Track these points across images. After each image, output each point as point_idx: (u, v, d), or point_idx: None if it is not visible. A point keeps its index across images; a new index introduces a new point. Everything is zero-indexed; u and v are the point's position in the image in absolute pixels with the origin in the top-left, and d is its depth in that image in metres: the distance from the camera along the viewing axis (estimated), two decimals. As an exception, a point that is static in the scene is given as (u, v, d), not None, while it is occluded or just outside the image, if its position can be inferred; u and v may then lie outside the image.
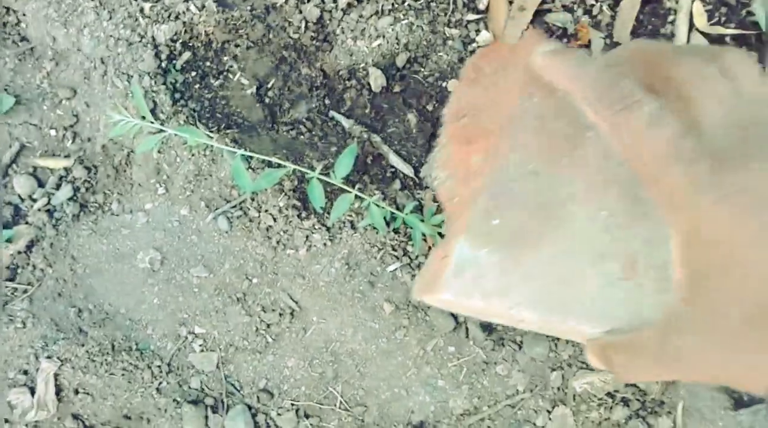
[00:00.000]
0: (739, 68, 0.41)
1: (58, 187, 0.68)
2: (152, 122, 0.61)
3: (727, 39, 0.65)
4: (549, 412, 0.68)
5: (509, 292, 0.42)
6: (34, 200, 0.68)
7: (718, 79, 0.40)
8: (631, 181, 0.42)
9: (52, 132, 0.69)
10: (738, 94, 0.40)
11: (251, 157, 0.65)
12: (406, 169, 0.68)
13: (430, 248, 0.67)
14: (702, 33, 0.65)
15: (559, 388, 0.68)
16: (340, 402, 0.67)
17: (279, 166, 0.61)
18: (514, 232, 0.42)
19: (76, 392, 0.67)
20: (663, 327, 0.40)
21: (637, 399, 0.68)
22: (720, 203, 0.34)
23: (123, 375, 0.66)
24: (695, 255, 0.37)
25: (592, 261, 0.42)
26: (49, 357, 0.66)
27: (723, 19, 0.65)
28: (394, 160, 0.68)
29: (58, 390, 0.66)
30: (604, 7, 0.64)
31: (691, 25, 0.65)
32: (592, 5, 0.64)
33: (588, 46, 0.65)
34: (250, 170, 0.66)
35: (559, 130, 0.43)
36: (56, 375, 0.66)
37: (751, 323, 0.35)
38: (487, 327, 0.67)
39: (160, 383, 0.67)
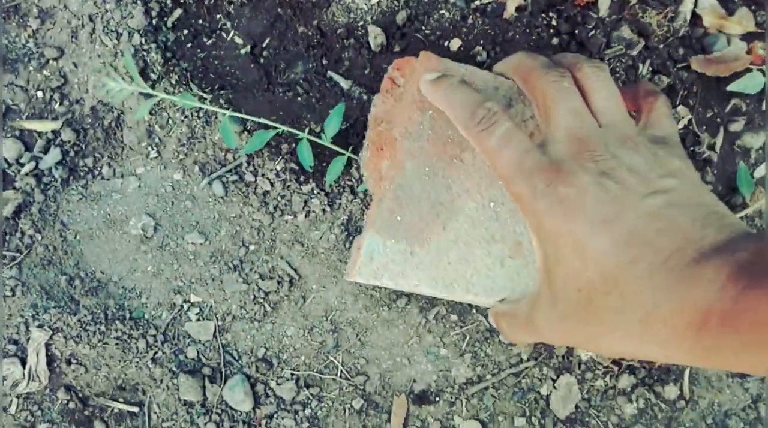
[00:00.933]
0: (592, 82, 0.50)
1: (46, 150, 0.67)
2: (143, 87, 0.60)
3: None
4: (554, 381, 0.68)
5: (411, 275, 0.54)
6: (22, 164, 0.67)
7: (571, 93, 0.49)
8: None
9: (39, 93, 0.67)
10: (583, 107, 0.48)
11: (246, 120, 0.64)
12: (408, 131, 0.67)
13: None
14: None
15: (564, 357, 0.68)
16: (341, 371, 0.67)
17: (270, 127, 0.61)
18: (415, 225, 0.54)
19: (69, 362, 0.66)
20: (529, 301, 0.51)
21: (643, 367, 0.68)
22: (552, 208, 0.44)
23: (117, 344, 0.65)
24: (542, 246, 0.47)
25: (483, 244, 0.55)
26: (40, 327, 0.65)
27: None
28: (395, 121, 0.66)
29: (50, 361, 0.66)
30: (613, -40, 0.63)
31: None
32: (601, -42, 0.63)
33: (594, 3, 0.64)
34: (245, 133, 0.65)
35: (449, 136, 0.55)
36: (47, 345, 0.65)
37: (578, 302, 0.44)
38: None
39: (156, 353, 0.66)
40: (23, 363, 0.65)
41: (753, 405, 0.68)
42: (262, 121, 0.63)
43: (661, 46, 0.63)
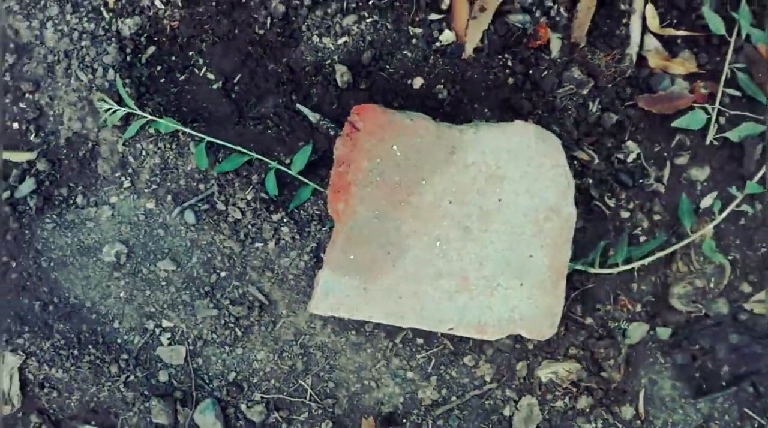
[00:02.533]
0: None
1: (21, 180, 0.71)
2: (133, 108, 0.68)
3: (679, 41, 0.71)
4: (516, 402, 0.73)
5: (365, 309, 0.62)
6: (-3, 194, 0.70)
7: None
8: (461, 214, 0.62)
9: (15, 125, 0.71)
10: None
11: (219, 148, 0.69)
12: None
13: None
14: (654, 34, 0.71)
15: (524, 378, 0.73)
16: (310, 394, 0.71)
17: (243, 153, 0.69)
18: (367, 264, 0.62)
19: (42, 386, 0.69)
20: None
21: (601, 388, 0.73)
22: None
23: (89, 368, 0.69)
24: None
25: (432, 279, 0.62)
26: (13, 351, 0.68)
27: (675, 21, 0.71)
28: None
29: (23, 385, 0.69)
30: (562, 9, 0.69)
31: (644, 27, 0.70)
32: (550, 7, 0.70)
33: (547, 45, 0.70)
34: (217, 163, 0.70)
35: (397, 182, 0.62)
36: (21, 369, 0.69)
37: None
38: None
39: (128, 377, 0.70)
40: (-4, 388, 0.69)
41: (704, 425, 0.73)
42: (237, 148, 0.69)
43: (610, 85, 0.70)
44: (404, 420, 0.73)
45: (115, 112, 0.68)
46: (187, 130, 0.69)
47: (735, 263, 0.71)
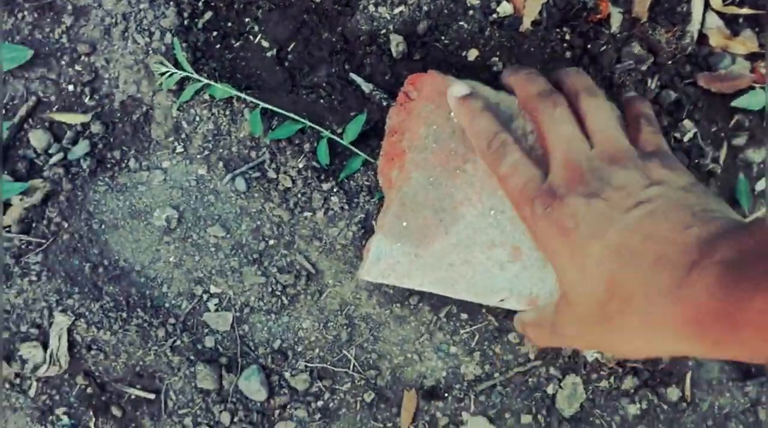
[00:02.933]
0: (585, 107, 0.57)
1: (74, 142, 0.71)
2: (191, 72, 0.69)
3: (741, 20, 0.70)
4: (560, 380, 0.73)
5: (416, 275, 0.61)
6: (50, 155, 0.71)
7: (564, 121, 0.56)
8: None
9: (70, 87, 0.72)
10: (575, 133, 0.55)
11: (272, 116, 0.69)
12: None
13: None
14: (717, 12, 0.70)
15: (569, 357, 0.73)
16: (354, 365, 0.71)
17: (296, 121, 0.69)
18: (419, 230, 0.61)
19: (89, 348, 0.70)
20: (552, 310, 0.57)
21: (647, 370, 0.72)
22: (550, 229, 0.52)
23: (137, 332, 0.70)
24: (550, 261, 0.56)
25: (484, 248, 0.61)
26: (63, 312, 0.69)
27: (738, -2, 0.70)
28: (414, 125, 0.72)
29: (71, 346, 0.70)
30: (625, -19, 0.69)
31: (707, 5, 0.70)
32: (613, -21, 0.69)
33: (607, 20, 0.69)
34: (270, 130, 0.70)
35: (452, 149, 0.61)
36: (69, 330, 0.69)
37: (588, 309, 0.51)
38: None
39: (174, 341, 0.70)
40: (45, 347, 0.69)
41: (752, 409, 0.73)
42: (290, 115, 0.70)
43: (669, 62, 0.69)
44: (446, 395, 0.73)
45: (171, 75, 0.68)
46: (242, 95, 0.69)
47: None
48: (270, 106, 0.69)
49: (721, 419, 0.73)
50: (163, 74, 0.69)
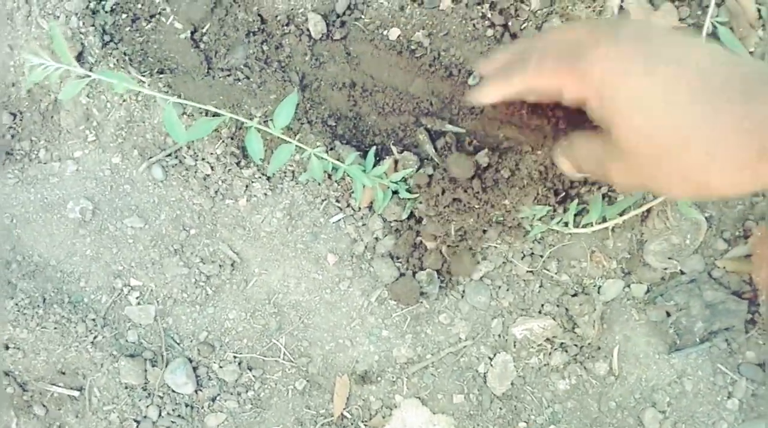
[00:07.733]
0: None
1: (-21, 134, 0.70)
2: (73, 66, 0.60)
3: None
4: (490, 359, 0.75)
5: None
6: (-46, 148, 0.70)
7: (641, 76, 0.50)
8: None
9: (-29, 76, 0.70)
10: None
11: (186, 105, 0.69)
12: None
13: (371, 200, 0.72)
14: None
15: (499, 335, 0.75)
16: (284, 353, 0.73)
17: (216, 114, 0.63)
18: None
19: (6, 347, 0.70)
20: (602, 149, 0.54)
21: (575, 345, 0.76)
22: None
23: (56, 328, 0.70)
24: (607, 112, 0.50)
25: None
26: (-25, 311, 0.69)
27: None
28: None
29: (-14, 346, 0.70)
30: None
31: (629, -25, 0.71)
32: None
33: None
34: (185, 116, 0.70)
35: None
36: (-16, 330, 0.69)
37: (647, 145, 0.49)
38: (430, 276, 0.73)
39: (95, 337, 0.71)
40: (-42, 348, 0.69)
41: (678, 380, 0.77)
42: (209, 108, 0.64)
43: (589, 37, 0.71)
44: (379, 378, 0.75)
45: (45, 68, 0.60)
46: (144, 90, 0.68)
47: (711, 220, 0.74)
48: (182, 101, 0.64)
49: (648, 391, 0.77)
50: (38, 67, 0.60)
